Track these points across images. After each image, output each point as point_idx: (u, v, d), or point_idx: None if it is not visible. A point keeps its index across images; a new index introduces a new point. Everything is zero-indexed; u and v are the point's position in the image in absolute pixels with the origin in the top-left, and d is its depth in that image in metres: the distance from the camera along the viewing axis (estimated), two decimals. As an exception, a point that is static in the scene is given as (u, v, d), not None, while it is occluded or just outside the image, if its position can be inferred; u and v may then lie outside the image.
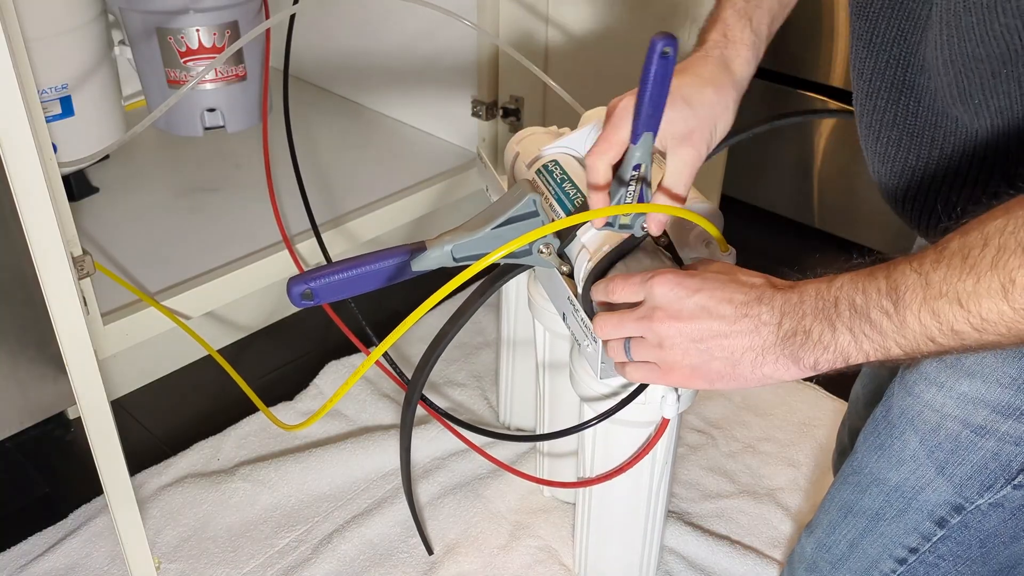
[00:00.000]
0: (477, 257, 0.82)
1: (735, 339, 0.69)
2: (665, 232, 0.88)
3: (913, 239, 1.06)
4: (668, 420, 0.96)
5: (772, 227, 1.98)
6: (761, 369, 0.69)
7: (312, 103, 2.11)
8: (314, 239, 1.59)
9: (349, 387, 0.79)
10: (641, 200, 0.83)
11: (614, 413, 0.93)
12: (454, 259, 0.83)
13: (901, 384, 0.84)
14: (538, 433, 1.32)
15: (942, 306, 0.58)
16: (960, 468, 0.79)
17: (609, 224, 0.85)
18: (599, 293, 0.80)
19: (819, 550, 0.92)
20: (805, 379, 1.53)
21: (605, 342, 0.78)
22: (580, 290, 0.90)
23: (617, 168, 0.80)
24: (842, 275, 0.65)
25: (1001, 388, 0.75)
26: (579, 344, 0.92)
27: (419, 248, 0.82)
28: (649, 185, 0.83)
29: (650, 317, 0.72)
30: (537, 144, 1.07)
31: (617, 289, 0.77)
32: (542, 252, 0.87)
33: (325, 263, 1.62)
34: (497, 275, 0.92)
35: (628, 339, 0.76)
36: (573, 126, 1.09)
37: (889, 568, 0.86)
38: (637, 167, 0.81)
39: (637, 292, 0.74)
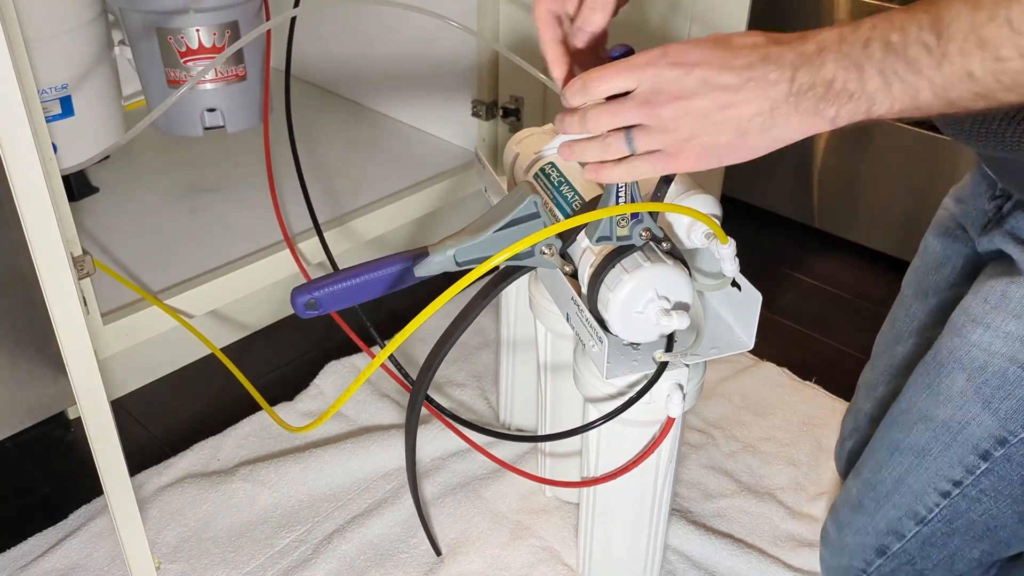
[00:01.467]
0: (480, 260, 0.82)
1: (742, 107, 0.63)
2: (666, 236, 0.88)
3: (914, 245, 1.07)
4: (673, 419, 0.96)
5: (772, 227, 1.98)
6: (771, 132, 0.64)
7: (312, 103, 2.11)
8: (315, 238, 1.59)
9: (354, 391, 0.79)
10: (633, 200, 0.84)
11: (619, 414, 0.93)
12: (457, 263, 0.83)
13: (949, 327, 0.87)
14: (540, 434, 1.32)
15: (991, 31, 0.55)
16: (1006, 403, 0.82)
17: (606, 238, 0.86)
18: (575, 93, 0.69)
19: (865, 489, 0.94)
20: (803, 377, 1.54)
21: (601, 138, 0.70)
22: (584, 290, 0.90)
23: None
24: (872, 16, 0.60)
25: None
26: (584, 345, 0.93)
27: (421, 254, 0.82)
28: (636, 184, 0.83)
29: (651, 102, 0.66)
30: (535, 145, 1.07)
31: (598, 81, 0.67)
32: (544, 253, 0.87)
33: (327, 264, 1.62)
34: (500, 277, 0.92)
35: (629, 130, 0.68)
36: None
37: (933, 502, 0.88)
38: None
39: (626, 80, 0.66)
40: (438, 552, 1.24)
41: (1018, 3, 0.54)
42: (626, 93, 0.67)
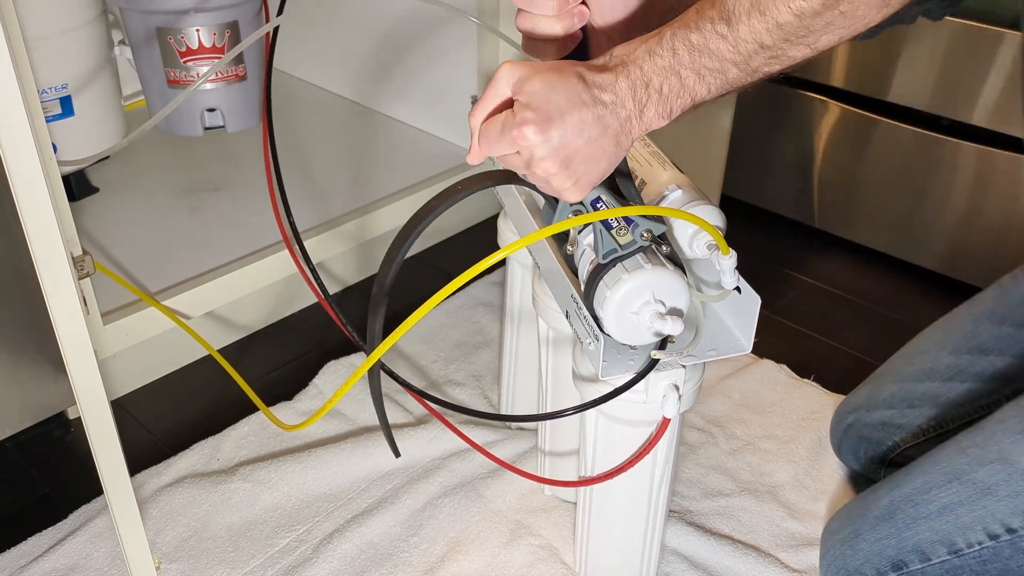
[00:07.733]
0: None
1: (601, 142, 0.75)
2: (665, 237, 0.88)
3: (914, 244, 1.06)
4: (669, 420, 0.96)
5: (772, 227, 1.98)
6: (628, 140, 0.76)
7: (311, 102, 2.11)
8: (314, 239, 1.59)
9: (348, 388, 0.80)
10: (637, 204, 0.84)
11: (606, 401, 0.92)
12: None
13: None
14: (535, 414, 1.32)
15: (767, 3, 0.67)
16: None
17: (613, 251, 0.86)
18: (475, 156, 0.86)
19: (903, 502, 0.93)
20: (803, 376, 1.54)
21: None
22: (583, 288, 0.90)
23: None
24: (671, 24, 0.72)
25: None
26: (582, 342, 0.93)
27: None
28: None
29: (532, 167, 0.78)
30: None
31: (487, 150, 0.83)
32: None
33: (328, 264, 1.62)
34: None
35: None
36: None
37: (976, 539, 0.88)
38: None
39: (505, 149, 0.79)
40: (397, 453, 1.19)
41: None
42: None
